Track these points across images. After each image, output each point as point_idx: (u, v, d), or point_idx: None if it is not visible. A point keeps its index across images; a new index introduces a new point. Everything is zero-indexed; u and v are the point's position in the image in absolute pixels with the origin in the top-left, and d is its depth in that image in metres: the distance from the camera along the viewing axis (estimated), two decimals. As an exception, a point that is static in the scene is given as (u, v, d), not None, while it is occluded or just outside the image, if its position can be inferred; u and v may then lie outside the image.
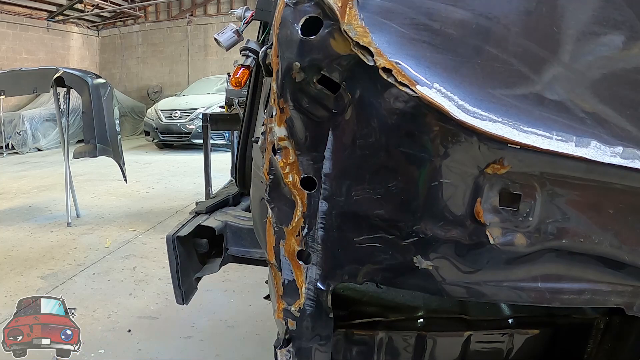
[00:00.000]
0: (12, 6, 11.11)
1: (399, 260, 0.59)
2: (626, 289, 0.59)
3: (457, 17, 0.48)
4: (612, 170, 0.47)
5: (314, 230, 0.59)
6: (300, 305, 0.63)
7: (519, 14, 0.48)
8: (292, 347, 0.68)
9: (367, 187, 0.55)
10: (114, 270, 3.12)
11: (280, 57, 0.51)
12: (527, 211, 0.52)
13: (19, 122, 9.51)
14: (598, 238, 0.53)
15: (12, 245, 3.69)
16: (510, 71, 0.47)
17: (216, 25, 12.59)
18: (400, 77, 0.46)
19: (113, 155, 3.98)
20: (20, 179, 6.53)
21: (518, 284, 0.59)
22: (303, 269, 0.61)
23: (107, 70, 14.22)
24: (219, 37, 1.65)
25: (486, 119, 0.46)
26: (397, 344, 0.89)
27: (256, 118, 1.29)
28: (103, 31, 14.52)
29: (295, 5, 0.51)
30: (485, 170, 0.51)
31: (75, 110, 6.94)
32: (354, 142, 0.53)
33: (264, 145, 0.59)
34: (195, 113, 9.06)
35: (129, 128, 12.22)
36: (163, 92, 13.49)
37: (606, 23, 0.47)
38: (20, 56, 11.44)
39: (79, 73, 3.92)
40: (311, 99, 0.53)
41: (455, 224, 0.54)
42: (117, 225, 4.22)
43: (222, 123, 3.69)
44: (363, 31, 0.47)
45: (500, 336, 0.91)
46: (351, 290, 0.94)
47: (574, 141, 0.47)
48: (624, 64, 0.48)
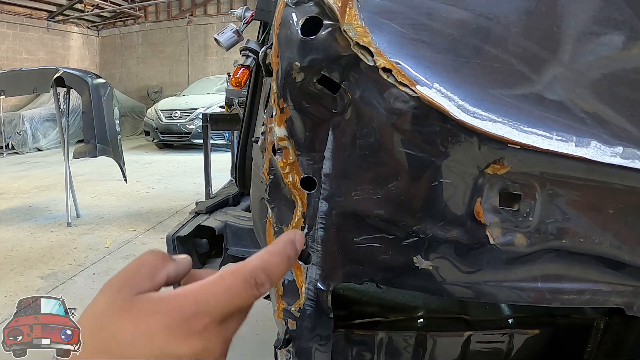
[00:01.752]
0: (12, 6, 11.11)
1: (399, 260, 0.59)
2: (626, 289, 0.59)
3: (457, 17, 0.48)
4: (612, 170, 0.47)
5: (314, 230, 0.59)
6: (300, 306, 0.63)
7: (519, 14, 0.48)
8: (292, 347, 0.68)
9: (367, 187, 0.55)
10: (114, 270, 3.12)
11: (280, 57, 0.51)
12: (527, 211, 0.52)
13: (19, 122, 9.51)
14: (598, 238, 0.53)
15: (12, 245, 3.69)
16: (510, 71, 0.47)
17: (216, 25, 12.59)
18: (400, 77, 0.46)
19: (113, 155, 3.98)
20: (20, 179, 6.53)
21: (518, 284, 0.59)
22: (303, 269, 0.61)
23: (107, 70, 14.23)
24: (219, 37, 1.65)
25: (486, 119, 0.46)
26: (397, 344, 0.89)
27: (256, 118, 1.29)
28: (103, 31, 14.52)
29: (295, 5, 0.51)
30: (485, 170, 0.51)
31: (75, 110, 6.94)
32: (354, 142, 0.53)
33: (264, 145, 0.59)
34: (195, 113, 9.06)
35: (129, 128, 12.23)
36: (163, 92, 13.49)
37: (606, 23, 0.47)
38: (20, 56, 11.45)
39: (79, 73, 3.92)
40: (311, 99, 0.53)
41: (455, 224, 0.54)
42: (117, 225, 4.22)
43: (222, 123, 3.69)
44: (363, 31, 0.47)
45: (500, 336, 0.90)
46: (351, 290, 0.93)
47: (574, 141, 0.47)
48: (624, 64, 0.48)
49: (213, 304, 0.36)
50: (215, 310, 0.36)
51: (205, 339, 0.35)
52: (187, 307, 0.35)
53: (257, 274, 0.38)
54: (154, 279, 0.38)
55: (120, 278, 0.37)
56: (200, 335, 0.35)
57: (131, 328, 0.34)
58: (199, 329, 0.35)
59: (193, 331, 0.35)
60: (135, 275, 0.37)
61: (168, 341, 0.34)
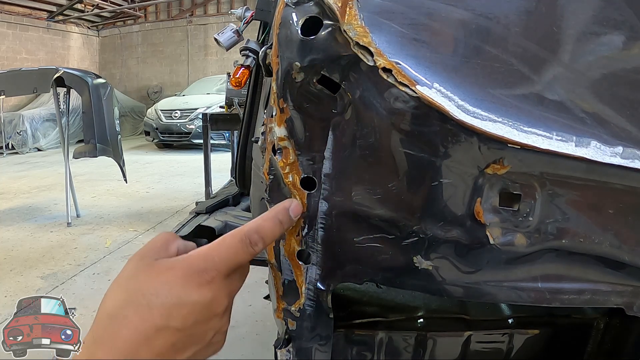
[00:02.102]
0: (12, 6, 11.12)
1: (399, 260, 0.59)
2: (626, 289, 0.59)
3: (457, 17, 0.48)
4: (612, 170, 0.47)
5: (314, 230, 0.59)
6: (300, 305, 0.63)
7: (519, 14, 0.48)
8: (292, 347, 0.68)
9: (367, 187, 0.55)
10: (114, 270, 3.12)
11: (280, 57, 0.51)
12: (527, 211, 0.52)
13: (19, 122, 9.51)
14: (598, 238, 0.53)
15: (12, 245, 3.69)
16: (510, 71, 0.47)
17: (216, 25, 12.60)
18: (400, 77, 0.46)
19: (113, 155, 3.98)
20: (20, 179, 6.53)
21: (518, 284, 0.59)
22: (303, 269, 0.61)
23: (107, 70, 14.23)
24: (219, 37, 1.65)
25: (486, 119, 0.46)
26: (397, 344, 0.89)
27: (256, 118, 1.29)
28: (103, 31, 14.52)
29: (295, 5, 0.51)
30: (485, 170, 0.51)
31: (75, 110, 6.94)
32: (354, 142, 0.53)
33: (264, 145, 0.59)
34: (195, 113, 9.07)
35: (129, 128, 12.23)
36: (163, 92, 13.50)
37: (606, 23, 0.47)
38: (20, 56, 11.45)
39: (79, 73, 3.93)
40: (311, 99, 0.53)
41: (455, 224, 0.54)
42: (117, 225, 4.22)
43: (222, 123, 3.70)
44: (363, 31, 0.47)
45: (500, 336, 0.90)
46: (351, 290, 0.94)
47: (574, 141, 0.47)
48: (624, 64, 0.48)
49: (217, 260, 0.43)
50: (220, 265, 0.43)
51: (213, 289, 0.43)
52: (198, 263, 0.43)
53: (251, 234, 0.46)
54: (167, 250, 0.46)
55: (140, 251, 0.45)
56: (209, 286, 0.42)
57: (153, 282, 0.41)
58: (208, 280, 0.42)
59: (203, 282, 0.42)
60: (152, 247, 0.45)
61: (185, 289, 0.41)
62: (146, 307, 0.40)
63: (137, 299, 0.40)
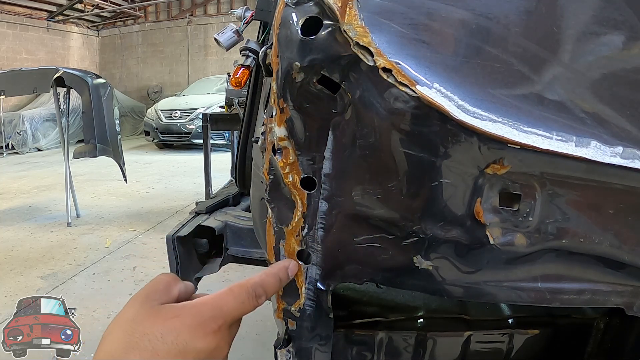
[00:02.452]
0: (12, 6, 11.11)
1: (399, 260, 0.59)
2: (626, 289, 0.59)
3: (457, 17, 0.48)
4: (612, 170, 0.47)
5: (314, 230, 0.59)
6: (300, 305, 0.63)
7: (519, 14, 0.48)
8: (292, 347, 0.68)
9: (367, 187, 0.55)
10: (114, 270, 3.12)
11: (280, 57, 0.51)
12: (527, 211, 0.52)
13: (19, 122, 9.51)
14: (598, 238, 0.53)
15: (12, 245, 3.69)
16: (510, 71, 0.47)
17: (216, 25, 12.60)
18: (400, 77, 0.46)
19: (113, 155, 3.98)
20: (20, 179, 6.53)
21: (518, 284, 0.59)
22: (303, 269, 0.61)
23: (107, 70, 14.23)
24: (219, 37, 1.65)
25: (486, 119, 0.46)
26: (397, 344, 0.89)
27: (256, 118, 1.29)
28: (103, 31, 14.52)
29: (295, 5, 0.51)
30: (485, 170, 0.51)
31: (75, 110, 6.94)
32: (354, 142, 0.53)
33: (264, 145, 0.59)
34: (195, 113, 9.07)
35: (129, 128, 12.23)
36: (163, 92, 13.50)
37: (606, 23, 0.47)
38: (20, 56, 11.45)
39: (79, 73, 3.93)
40: (311, 99, 0.53)
41: (455, 224, 0.54)
42: (117, 225, 4.22)
43: (222, 123, 3.70)
44: (363, 31, 0.47)
45: (500, 336, 0.91)
46: (351, 290, 0.94)
47: (574, 141, 0.47)
48: (624, 64, 0.48)
49: (225, 310, 0.45)
50: (227, 315, 0.45)
51: (218, 338, 0.44)
52: (206, 312, 0.44)
53: (257, 288, 0.49)
54: (169, 293, 0.47)
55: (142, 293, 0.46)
56: (214, 335, 0.43)
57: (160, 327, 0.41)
58: (214, 330, 0.43)
59: (209, 331, 0.43)
60: (155, 290, 0.47)
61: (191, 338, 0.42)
62: (151, 352, 0.40)
63: (142, 343, 0.40)
